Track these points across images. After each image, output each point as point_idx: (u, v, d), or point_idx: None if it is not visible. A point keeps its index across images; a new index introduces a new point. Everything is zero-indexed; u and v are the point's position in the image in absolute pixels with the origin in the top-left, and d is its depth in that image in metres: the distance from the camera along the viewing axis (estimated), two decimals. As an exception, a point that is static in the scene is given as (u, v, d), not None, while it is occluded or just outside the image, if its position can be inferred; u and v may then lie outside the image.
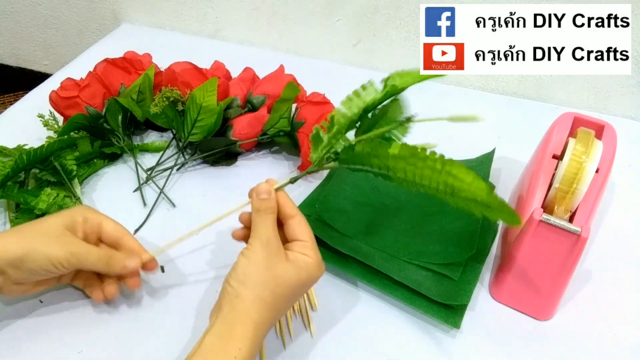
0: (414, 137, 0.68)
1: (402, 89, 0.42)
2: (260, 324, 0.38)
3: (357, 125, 0.43)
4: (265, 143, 0.67)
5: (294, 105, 0.65)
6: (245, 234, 0.45)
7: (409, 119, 0.40)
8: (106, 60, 0.67)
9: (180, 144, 0.64)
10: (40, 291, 0.46)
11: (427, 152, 0.35)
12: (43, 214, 0.53)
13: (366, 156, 0.38)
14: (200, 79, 0.65)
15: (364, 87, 0.41)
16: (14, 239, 0.40)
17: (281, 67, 0.70)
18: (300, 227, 0.43)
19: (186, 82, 0.64)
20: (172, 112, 0.63)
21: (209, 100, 0.60)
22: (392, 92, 0.41)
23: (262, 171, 0.65)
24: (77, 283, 0.47)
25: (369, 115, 0.42)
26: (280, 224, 0.43)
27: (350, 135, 0.42)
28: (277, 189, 0.43)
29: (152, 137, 0.70)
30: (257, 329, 0.38)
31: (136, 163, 0.64)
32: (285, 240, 0.43)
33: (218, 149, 0.63)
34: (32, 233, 0.41)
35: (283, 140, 0.65)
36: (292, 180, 0.44)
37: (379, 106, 0.43)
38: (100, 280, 0.47)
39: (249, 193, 0.43)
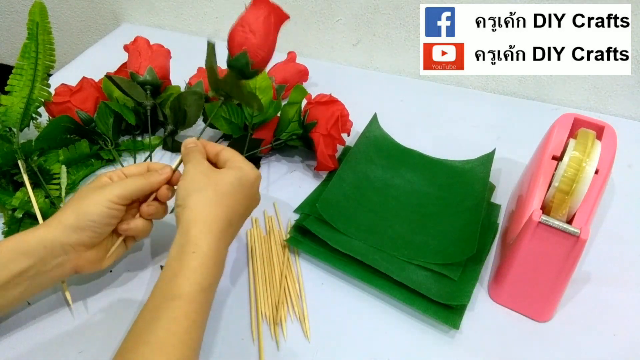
0: (413, 138, 0.68)
1: None
2: (211, 220, 0.40)
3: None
4: (276, 148, 0.66)
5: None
6: (171, 190, 0.48)
7: None
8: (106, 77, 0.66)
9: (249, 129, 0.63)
10: (113, 263, 0.48)
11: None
12: (14, 210, 0.53)
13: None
14: None
15: None
16: (65, 210, 0.43)
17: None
18: (227, 152, 0.46)
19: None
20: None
21: (260, 81, 0.61)
22: None
23: (279, 176, 0.64)
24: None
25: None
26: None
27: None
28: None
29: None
30: (209, 224, 0.40)
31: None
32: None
33: (251, 152, 0.62)
34: (76, 199, 0.44)
35: (296, 143, 0.64)
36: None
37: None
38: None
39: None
